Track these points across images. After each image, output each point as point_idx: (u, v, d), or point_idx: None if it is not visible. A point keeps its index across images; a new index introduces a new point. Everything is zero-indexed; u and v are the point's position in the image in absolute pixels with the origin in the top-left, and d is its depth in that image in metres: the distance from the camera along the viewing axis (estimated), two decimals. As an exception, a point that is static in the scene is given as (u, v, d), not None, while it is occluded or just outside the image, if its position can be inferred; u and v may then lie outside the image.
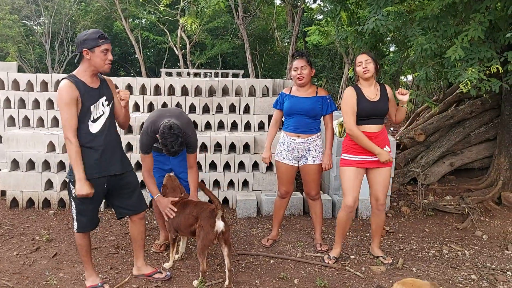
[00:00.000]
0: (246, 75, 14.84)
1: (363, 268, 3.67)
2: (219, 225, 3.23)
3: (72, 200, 3.03)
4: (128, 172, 3.19)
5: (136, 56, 18.10)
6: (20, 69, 14.55)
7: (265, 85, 5.71)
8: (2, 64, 6.88)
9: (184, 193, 3.71)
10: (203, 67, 19.30)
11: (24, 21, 18.04)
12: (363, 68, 3.52)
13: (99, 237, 4.25)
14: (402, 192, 5.82)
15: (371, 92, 3.56)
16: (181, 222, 3.45)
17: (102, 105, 3.01)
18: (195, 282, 3.28)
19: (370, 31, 4.57)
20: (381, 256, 3.82)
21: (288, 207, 4.37)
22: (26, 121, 5.51)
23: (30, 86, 5.52)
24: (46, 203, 5.05)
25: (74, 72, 2.97)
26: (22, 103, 5.51)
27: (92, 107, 2.94)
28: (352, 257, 3.90)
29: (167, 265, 3.62)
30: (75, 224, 3.06)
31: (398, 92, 3.54)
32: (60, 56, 16.96)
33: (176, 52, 17.00)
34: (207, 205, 3.40)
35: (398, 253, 4.01)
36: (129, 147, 5.20)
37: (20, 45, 16.45)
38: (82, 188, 2.84)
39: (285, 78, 18.17)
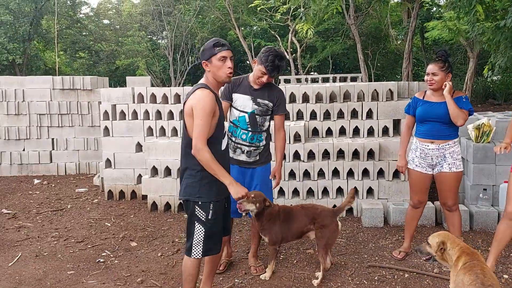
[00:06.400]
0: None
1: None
2: (339, 224, 3.54)
3: (202, 225, 2.76)
4: None
5: (249, 62, 18.76)
6: (148, 81, 16.05)
7: (389, 89, 5.49)
8: (138, 79, 7.64)
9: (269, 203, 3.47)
10: (313, 70, 19.32)
11: (150, 36, 19.88)
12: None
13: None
14: None
15: None
16: (292, 228, 3.48)
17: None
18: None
19: (510, 25, 4.15)
20: None
21: (419, 218, 4.14)
22: (162, 131, 6.04)
23: (165, 99, 6.04)
24: (181, 207, 5.45)
25: (205, 82, 2.77)
26: (158, 115, 6.05)
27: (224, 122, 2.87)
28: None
29: (266, 276, 3.57)
30: (200, 248, 2.79)
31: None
32: (181, 66, 18.33)
33: (287, 56, 17.24)
34: (319, 206, 3.62)
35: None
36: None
37: (147, 58, 18.16)
38: (237, 190, 2.68)
39: (398, 77, 17.32)
